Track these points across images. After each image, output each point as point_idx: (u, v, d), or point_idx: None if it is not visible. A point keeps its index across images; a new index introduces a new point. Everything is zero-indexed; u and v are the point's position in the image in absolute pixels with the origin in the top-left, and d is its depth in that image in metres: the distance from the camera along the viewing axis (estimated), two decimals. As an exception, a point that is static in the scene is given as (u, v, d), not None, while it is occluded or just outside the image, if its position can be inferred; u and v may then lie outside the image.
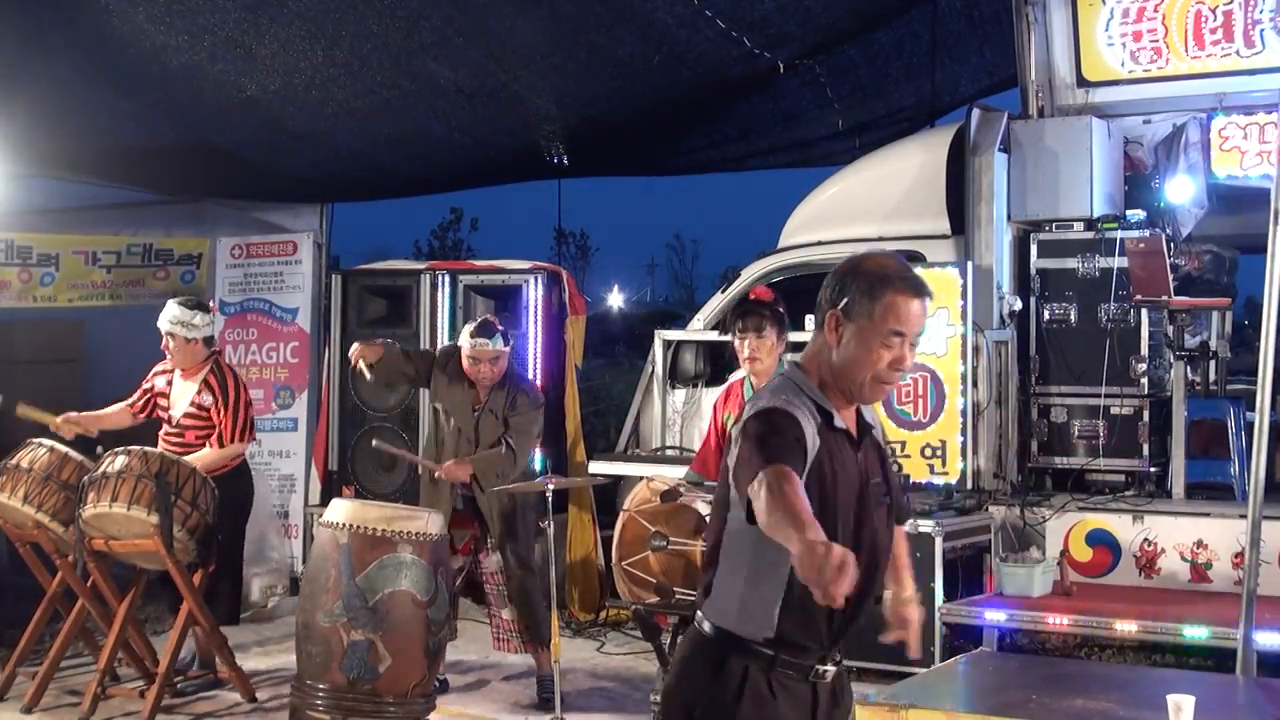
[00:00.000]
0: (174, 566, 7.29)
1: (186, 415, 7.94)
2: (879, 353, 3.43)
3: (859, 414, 3.58)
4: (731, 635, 3.44)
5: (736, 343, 6.56)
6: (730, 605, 3.45)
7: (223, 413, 7.86)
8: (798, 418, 3.34)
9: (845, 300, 3.43)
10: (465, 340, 7.61)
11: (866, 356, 3.43)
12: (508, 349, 7.66)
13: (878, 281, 3.43)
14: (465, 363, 7.60)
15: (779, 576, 3.38)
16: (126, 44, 8.01)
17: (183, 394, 7.99)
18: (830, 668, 3.54)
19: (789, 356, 6.70)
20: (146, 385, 8.15)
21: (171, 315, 7.91)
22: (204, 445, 7.87)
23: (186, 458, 7.63)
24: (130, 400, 8.17)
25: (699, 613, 3.55)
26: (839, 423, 3.47)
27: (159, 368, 8.15)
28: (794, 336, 6.66)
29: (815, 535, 2.98)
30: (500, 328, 7.67)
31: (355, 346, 7.71)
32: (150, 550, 7.27)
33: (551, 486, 7.03)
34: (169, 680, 7.52)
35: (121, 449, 7.39)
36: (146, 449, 7.40)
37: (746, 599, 3.42)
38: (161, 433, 8.04)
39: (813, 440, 3.35)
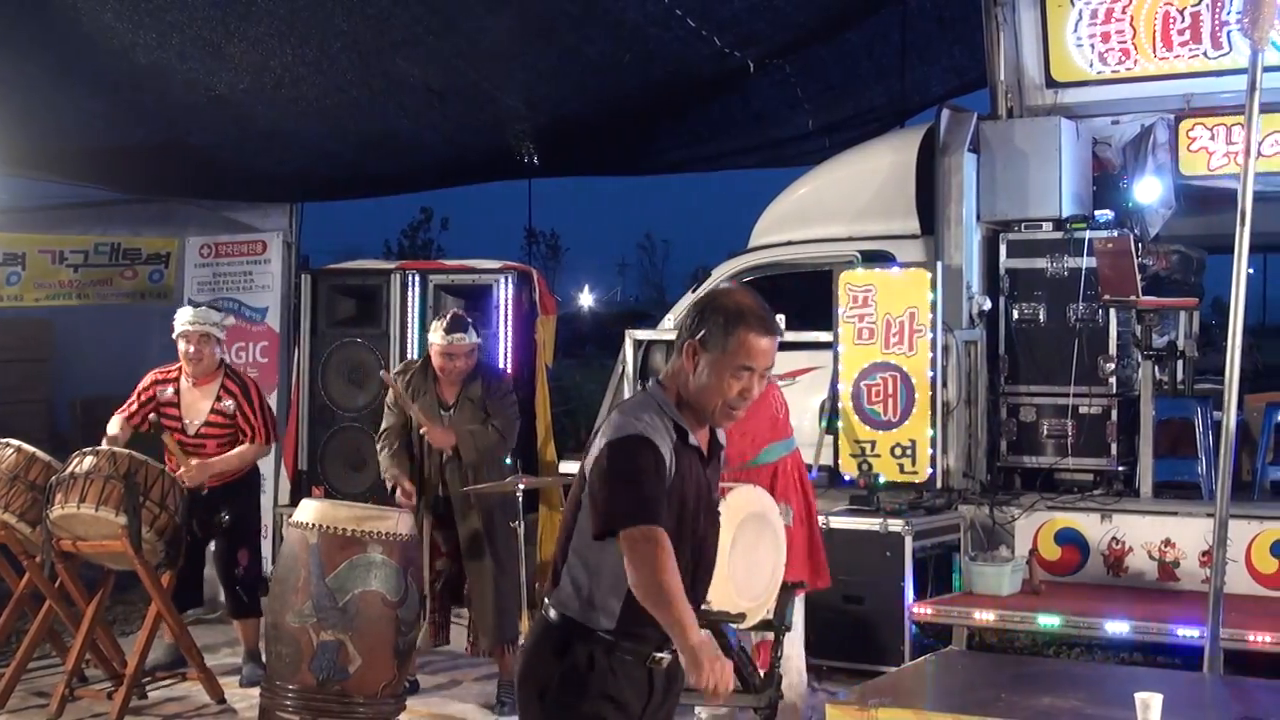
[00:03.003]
0: (142, 567, 7.25)
1: (207, 425, 7.89)
2: (729, 383, 3.68)
3: (712, 433, 3.83)
4: (575, 623, 3.68)
5: None
6: (575, 596, 3.69)
7: (253, 416, 7.90)
8: (656, 443, 3.59)
9: (702, 332, 3.67)
10: (438, 337, 7.56)
11: (718, 386, 3.67)
12: (479, 341, 7.68)
13: (733, 318, 3.66)
14: (437, 359, 7.57)
15: (622, 574, 3.57)
16: (94, 42, 7.95)
17: (198, 403, 7.91)
18: (666, 655, 3.73)
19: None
20: (145, 395, 7.97)
21: (205, 317, 7.87)
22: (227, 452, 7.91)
23: (222, 456, 7.82)
24: (126, 412, 7.94)
25: (545, 599, 3.76)
26: (693, 441, 3.71)
27: (156, 376, 8.03)
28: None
29: (695, 636, 3.42)
30: (469, 320, 7.66)
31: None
32: (118, 551, 7.23)
33: (522, 486, 7.02)
34: (137, 681, 7.48)
35: (90, 449, 7.34)
36: (115, 449, 7.36)
37: (591, 592, 3.66)
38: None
39: (670, 462, 3.61)
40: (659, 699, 3.78)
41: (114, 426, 7.83)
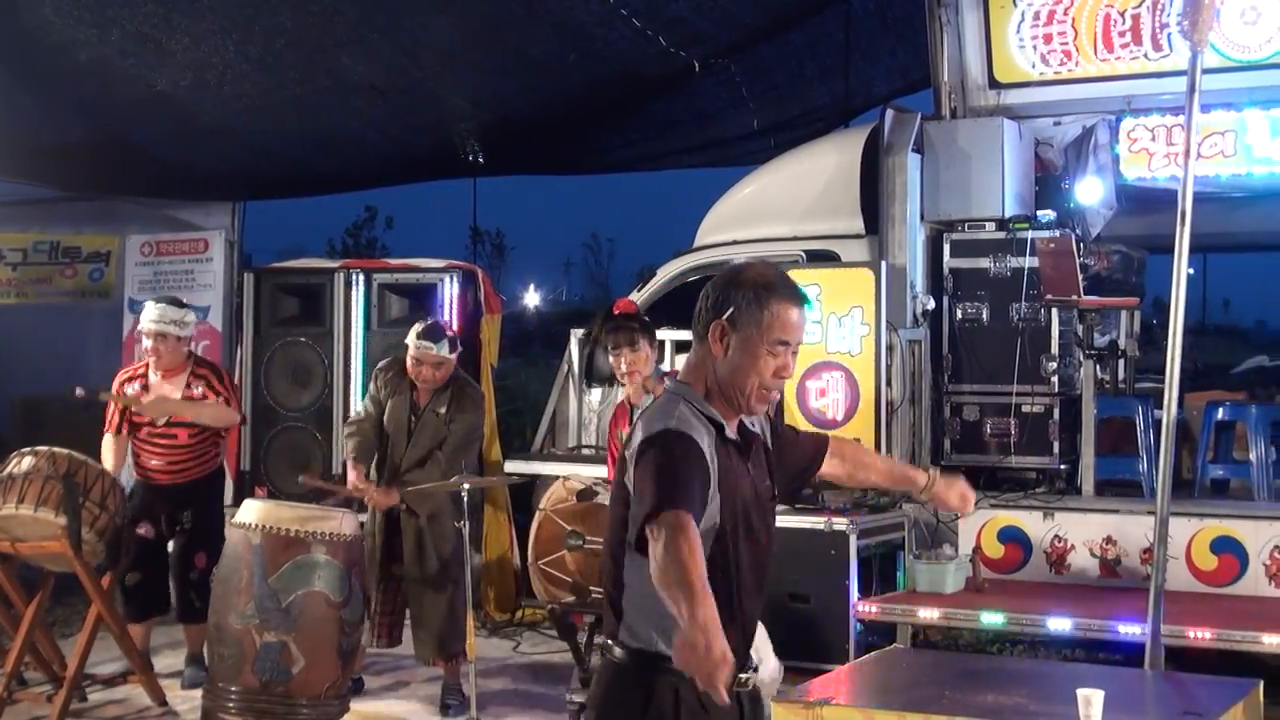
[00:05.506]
0: (81, 569, 7.18)
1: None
2: (765, 360, 3.45)
3: (741, 424, 3.57)
4: (652, 655, 3.37)
5: (612, 360, 6.49)
6: (646, 625, 3.39)
7: (221, 388, 7.81)
8: (694, 437, 3.35)
9: (731, 310, 3.44)
10: (411, 340, 7.47)
11: (753, 365, 3.44)
12: (453, 356, 7.47)
13: (763, 291, 3.45)
14: (409, 363, 7.49)
15: None
16: (33, 37, 7.88)
17: (169, 395, 7.78)
18: (751, 674, 3.53)
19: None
20: (117, 399, 7.86)
21: (161, 315, 7.68)
22: (200, 446, 7.81)
23: (182, 400, 7.66)
24: (111, 426, 7.82)
25: (609, 640, 3.48)
26: (730, 434, 3.48)
27: (123, 376, 7.92)
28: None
29: (705, 614, 3.04)
30: (450, 334, 7.53)
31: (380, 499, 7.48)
32: (57, 552, 7.15)
33: (467, 486, 6.99)
34: (77, 684, 7.40)
35: (29, 449, 7.25)
36: (54, 449, 7.26)
37: (662, 617, 3.27)
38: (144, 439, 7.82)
39: (711, 457, 3.37)
40: None
41: (107, 453, 7.72)
